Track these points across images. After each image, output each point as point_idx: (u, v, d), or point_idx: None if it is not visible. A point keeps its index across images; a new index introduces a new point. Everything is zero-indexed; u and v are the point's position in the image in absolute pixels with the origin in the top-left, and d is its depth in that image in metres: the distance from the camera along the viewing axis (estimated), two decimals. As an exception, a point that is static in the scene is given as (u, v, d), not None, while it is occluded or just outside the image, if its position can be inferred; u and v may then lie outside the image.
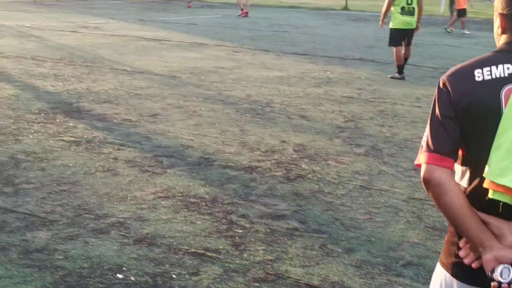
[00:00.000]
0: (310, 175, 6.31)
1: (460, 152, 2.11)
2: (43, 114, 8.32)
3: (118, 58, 13.40)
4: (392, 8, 12.35)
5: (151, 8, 28.61)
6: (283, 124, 8.33)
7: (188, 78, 11.39)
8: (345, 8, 32.92)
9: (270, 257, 4.48)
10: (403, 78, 12.10)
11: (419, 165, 2.12)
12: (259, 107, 9.29)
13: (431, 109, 2.13)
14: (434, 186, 2.05)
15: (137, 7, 28.87)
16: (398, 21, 12.32)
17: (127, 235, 4.74)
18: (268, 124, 8.30)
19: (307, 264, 4.41)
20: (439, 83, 2.12)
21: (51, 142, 7.09)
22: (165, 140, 7.33)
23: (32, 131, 7.51)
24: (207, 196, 5.62)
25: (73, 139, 7.24)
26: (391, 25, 12.43)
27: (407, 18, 12.31)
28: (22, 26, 18.96)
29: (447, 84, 2.08)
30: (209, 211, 5.27)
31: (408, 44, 12.53)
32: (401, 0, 12.21)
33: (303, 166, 6.61)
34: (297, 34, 19.79)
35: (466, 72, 2.08)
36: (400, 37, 12.38)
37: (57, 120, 8.07)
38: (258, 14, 27.47)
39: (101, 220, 4.99)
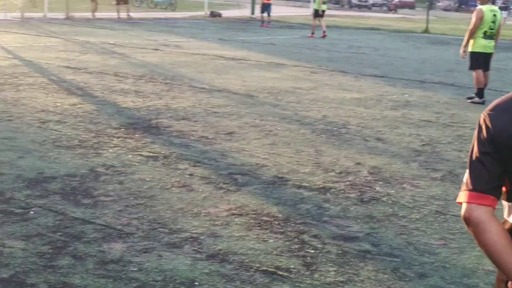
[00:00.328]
0: (384, 198, 6.27)
1: (503, 188, 2.06)
2: (123, 129, 8.53)
3: (197, 76, 13.62)
4: (474, 33, 12.20)
5: (231, 28, 28.97)
6: (359, 146, 8.29)
7: (265, 97, 11.48)
8: (426, 31, 32.57)
9: (341, 279, 4.47)
10: (483, 103, 11.88)
11: (460, 203, 2.08)
12: (335, 128, 9.28)
13: (471, 145, 2.08)
14: (474, 225, 2.01)
15: (218, 27, 29.27)
16: (479, 44, 12.15)
17: (200, 250, 4.80)
18: (344, 146, 8.28)
19: (379, 287, 4.38)
20: (479, 119, 2.08)
21: (130, 156, 7.25)
22: (240, 158, 7.40)
23: (112, 145, 7.70)
24: (280, 215, 5.65)
25: (151, 154, 7.39)
26: (471, 49, 12.25)
27: (488, 42, 12.14)
28: (105, 43, 19.48)
29: (487, 119, 2.03)
30: (281, 230, 5.29)
31: (486, 69, 12.33)
32: (485, 25, 12.05)
33: (377, 188, 6.56)
34: (376, 56, 19.69)
35: (506, 106, 2.02)
36: (481, 60, 12.20)
37: (136, 135, 8.26)
38: (336, 36, 27.46)
39: (175, 235, 5.07)
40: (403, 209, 5.99)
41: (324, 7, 26.69)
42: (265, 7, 31.10)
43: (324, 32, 26.21)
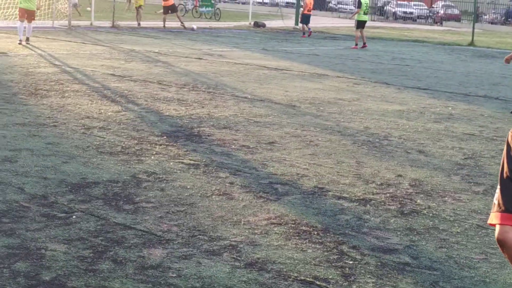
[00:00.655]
0: (425, 211, 6.22)
1: None
2: (165, 137, 8.61)
3: (239, 85, 13.69)
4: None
5: (274, 38, 29.04)
6: (400, 158, 8.25)
7: (307, 108, 11.48)
8: (471, 43, 32.25)
9: (380, 291, 4.44)
10: (528, 117, 11.73)
11: (493, 225, 2.02)
12: (377, 140, 9.25)
13: (501, 164, 2.02)
14: (509, 248, 1.96)
15: (261, 37, 29.37)
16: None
17: (238, 258, 4.82)
18: (385, 158, 8.24)
19: (417, 300, 4.34)
20: (507, 136, 2.03)
21: (171, 164, 7.32)
22: (281, 168, 7.42)
23: (154, 152, 7.78)
24: (319, 225, 5.64)
25: (192, 162, 7.45)
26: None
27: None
28: (150, 51, 19.70)
29: None
30: (320, 240, 5.29)
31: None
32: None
33: (418, 201, 6.52)
34: (420, 69, 19.56)
35: None
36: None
37: (178, 143, 8.33)
38: (380, 47, 27.36)
39: (215, 242, 5.11)
40: (444, 222, 5.94)
41: (365, 17, 26.77)
42: (305, 18, 31.29)
43: (364, 43, 26.17)
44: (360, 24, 26.34)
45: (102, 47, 20.13)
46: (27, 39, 19.42)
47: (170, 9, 31.77)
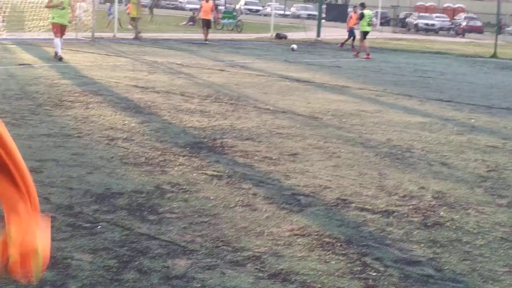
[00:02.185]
0: (448, 223, 6.21)
1: None
2: (188, 148, 8.67)
3: (262, 97, 13.74)
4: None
5: (296, 50, 29.09)
6: (423, 170, 8.24)
7: (329, 119, 11.50)
8: (494, 55, 32.10)
9: (403, 303, 4.45)
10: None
11: None
12: (399, 152, 9.24)
13: None
14: None
15: (283, 48, 29.45)
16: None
17: (262, 269, 4.85)
18: (408, 169, 8.24)
19: (441, 312, 4.34)
20: None
21: (195, 175, 7.37)
22: (303, 179, 7.44)
23: (178, 163, 7.84)
24: (342, 237, 5.66)
25: (215, 173, 7.50)
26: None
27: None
28: (172, 63, 19.83)
29: None
30: (343, 252, 5.31)
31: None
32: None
33: (441, 213, 6.51)
34: (443, 81, 19.51)
35: None
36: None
37: (201, 154, 8.38)
38: (402, 59, 27.32)
39: (238, 253, 5.14)
40: (467, 234, 5.93)
41: (369, 28, 27.67)
42: (351, 32, 31.43)
43: (368, 54, 26.69)
44: (364, 35, 27.29)
45: (125, 59, 20.30)
46: (56, 53, 18.91)
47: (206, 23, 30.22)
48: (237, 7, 72.72)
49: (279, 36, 36.33)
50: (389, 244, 5.55)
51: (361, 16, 27.60)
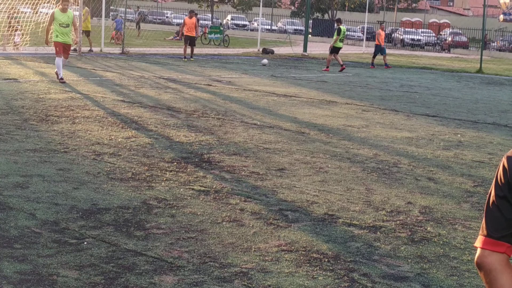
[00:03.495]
0: (435, 239, 6.22)
1: None
2: (175, 163, 8.65)
3: (249, 112, 13.74)
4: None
5: (283, 65, 29.17)
6: (410, 185, 8.25)
7: (316, 134, 11.52)
8: (479, 71, 32.32)
9: (391, 319, 4.43)
10: (538, 145, 11.73)
11: (477, 248, 2.04)
12: (386, 167, 9.26)
13: (490, 189, 2.05)
14: (485, 272, 1.97)
15: (270, 63, 29.51)
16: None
17: (249, 285, 4.83)
18: (395, 185, 8.25)
19: (429, 328, 4.33)
20: (500, 162, 2.05)
21: (182, 190, 7.35)
22: (291, 195, 7.43)
23: (164, 178, 7.81)
24: (330, 253, 5.65)
25: (202, 188, 7.47)
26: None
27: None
28: (159, 78, 19.82)
29: (505, 162, 2.00)
30: (331, 268, 5.29)
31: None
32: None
33: (428, 228, 6.52)
34: (429, 96, 19.60)
35: None
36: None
37: (188, 169, 8.36)
38: (389, 74, 27.44)
39: (226, 269, 5.11)
40: (455, 250, 5.93)
41: (341, 44, 28.27)
42: (378, 49, 31.23)
43: (342, 65, 27.38)
44: (335, 50, 27.86)
45: (112, 74, 20.26)
46: (57, 75, 17.31)
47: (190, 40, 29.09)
48: (224, 22, 72.92)
49: (265, 51, 36.42)
50: (377, 260, 5.55)
51: (338, 32, 27.85)
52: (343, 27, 28.19)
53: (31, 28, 27.74)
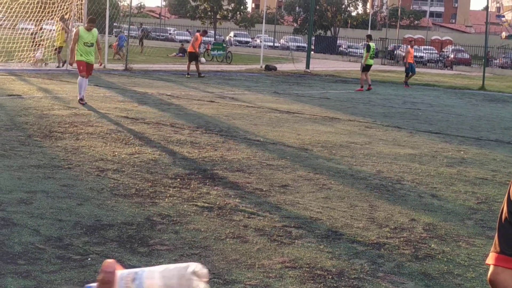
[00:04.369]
0: (439, 256, 6.21)
1: None
2: (179, 179, 8.65)
3: (252, 128, 13.76)
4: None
5: (286, 82, 29.23)
6: (413, 202, 8.25)
7: (319, 151, 11.53)
8: (482, 88, 32.35)
9: (395, 336, 4.42)
10: (541, 162, 11.72)
11: (489, 265, 2.04)
12: (390, 183, 9.26)
13: (502, 205, 2.06)
14: None
15: (272, 80, 29.57)
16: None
17: (253, 302, 4.82)
18: (398, 201, 8.25)
19: None
20: None
21: (185, 206, 7.35)
22: (294, 211, 7.44)
23: (168, 195, 7.82)
24: (334, 270, 5.64)
25: (206, 205, 7.48)
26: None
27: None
28: (162, 94, 19.87)
29: None
30: (335, 285, 5.29)
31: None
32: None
33: (432, 245, 6.51)
34: (432, 113, 19.62)
35: None
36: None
37: (192, 185, 8.37)
38: (391, 91, 27.49)
39: (229, 286, 5.11)
40: (459, 267, 5.92)
41: (371, 61, 27.43)
42: (412, 67, 30.86)
43: (369, 85, 26.83)
44: (367, 68, 27.01)
45: (115, 90, 20.32)
46: (81, 99, 16.39)
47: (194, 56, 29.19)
48: (227, 38, 73.16)
49: (268, 68, 36.50)
50: (381, 277, 5.54)
51: (367, 49, 27.06)
52: (372, 44, 27.34)
53: (34, 44, 27.87)
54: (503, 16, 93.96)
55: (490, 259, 2.03)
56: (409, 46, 31.86)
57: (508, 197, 2.03)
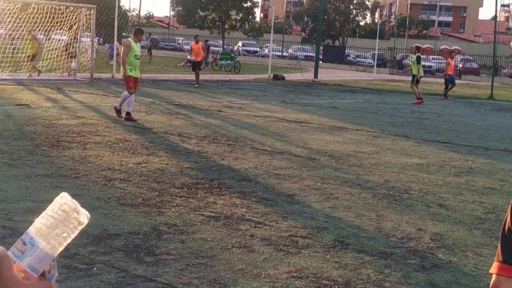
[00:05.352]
0: (446, 265, 6.18)
1: None
2: (185, 189, 8.65)
3: (259, 138, 13.76)
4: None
5: (294, 91, 29.25)
6: (421, 212, 8.22)
7: (326, 160, 11.51)
8: (491, 97, 32.29)
9: None
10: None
11: (492, 274, 2.03)
12: (397, 193, 9.23)
13: (505, 215, 2.06)
14: None
15: (280, 89, 29.59)
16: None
17: (259, 312, 4.80)
18: (405, 211, 8.22)
19: None
20: None
21: (192, 216, 7.35)
22: (301, 220, 7.42)
23: (175, 204, 7.82)
24: (340, 280, 5.62)
25: (212, 214, 7.47)
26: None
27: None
28: (170, 103, 19.90)
29: None
30: (341, 295, 5.26)
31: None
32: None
33: (439, 255, 6.48)
34: (440, 122, 19.58)
35: None
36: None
37: (199, 195, 8.37)
38: (399, 101, 27.45)
39: (235, 295, 5.10)
40: (466, 277, 5.89)
41: (422, 73, 26.53)
42: (449, 79, 30.41)
43: (420, 99, 26.24)
44: (417, 80, 26.29)
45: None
46: (127, 113, 15.52)
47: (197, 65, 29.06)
48: (235, 48, 73.28)
49: (276, 77, 36.54)
50: (387, 287, 5.51)
51: (419, 59, 26.27)
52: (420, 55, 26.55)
53: (43, 54, 27.99)
54: None
55: (493, 269, 2.03)
56: (449, 58, 31.04)
57: (511, 206, 2.03)
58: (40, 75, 27.34)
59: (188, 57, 28.76)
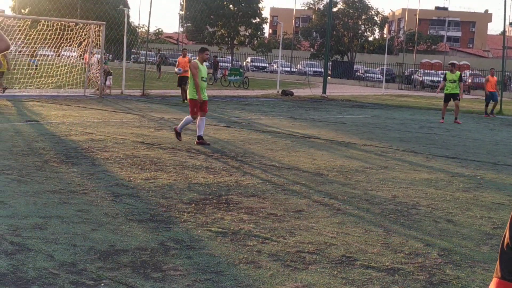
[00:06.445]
0: (454, 281, 6.16)
1: None
2: (193, 205, 8.67)
3: (267, 153, 13.77)
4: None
5: (302, 106, 29.28)
6: (429, 227, 8.20)
7: (334, 176, 11.51)
8: (499, 112, 32.23)
9: None
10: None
11: None
12: (405, 208, 9.22)
13: (504, 232, 2.06)
14: None
15: (289, 105, 29.63)
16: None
17: (266, 328, 4.80)
18: (413, 227, 8.20)
19: None
20: None
21: (199, 232, 7.36)
22: (308, 236, 7.41)
23: (182, 220, 7.83)
24: (347, 295, 5.61)
25: (220, 230, 7.48)
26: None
27: None
28: (179, 119, 19.94)
29: None
30: (348, 311, 5.25)
31: None
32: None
33: (447, 271, 6.46)
34: (448, 137, 19.55)
35: None
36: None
37: (206, 211, 8.38)
38: (408, 116, 27.43)
39: (242, 311, 5.09)
40: (474, 293, 5.87)
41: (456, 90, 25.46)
42: (490, 96, 30.01)
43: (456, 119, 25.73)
44: (448, 98, 25.69)
45: (132, 115, 20.44)
46: (199, 137, 14.83)
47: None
48: (244, 64, 73.48)
49: (285, 93, 36.61)
50: (395, 303, 5.50)
51: (460, 78, 25.75)
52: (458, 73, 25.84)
53: (52, 70, 28.15)
54: None
55: (492, 285, 2.04)
56: (489, 75, 30.48)
57: (510, 222, 2.04)
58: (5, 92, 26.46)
59: (176, 70, 28.13)
